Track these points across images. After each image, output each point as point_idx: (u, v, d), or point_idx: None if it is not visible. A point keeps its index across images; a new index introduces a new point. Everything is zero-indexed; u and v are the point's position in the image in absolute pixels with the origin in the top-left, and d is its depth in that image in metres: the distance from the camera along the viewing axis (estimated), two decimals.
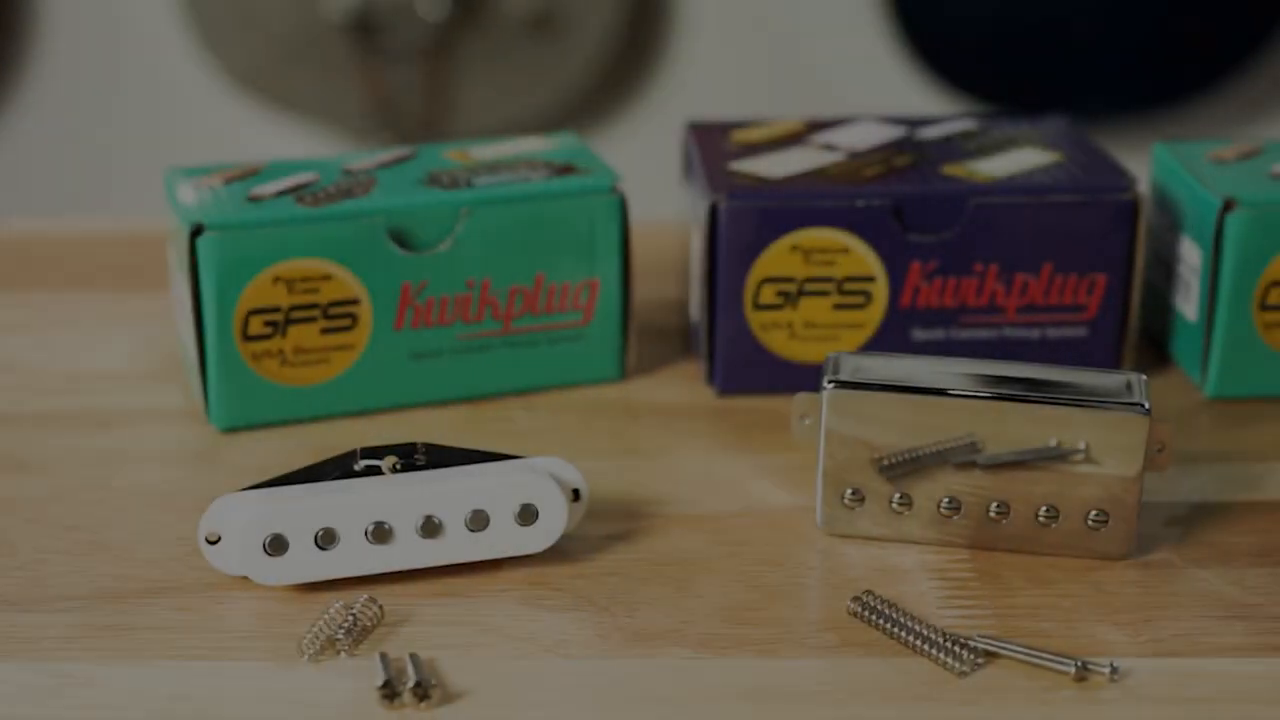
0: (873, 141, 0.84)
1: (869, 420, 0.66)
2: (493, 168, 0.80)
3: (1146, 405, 0.64)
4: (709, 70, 2.09)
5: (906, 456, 0.66)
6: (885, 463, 0.66)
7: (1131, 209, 0.78)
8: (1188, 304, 0.81)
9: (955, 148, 0.83)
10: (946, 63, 1.99)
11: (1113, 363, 0.81)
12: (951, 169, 0.80)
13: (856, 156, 0.82)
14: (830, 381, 0.66)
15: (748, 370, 0.80)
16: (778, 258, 0.78)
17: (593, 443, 0.76)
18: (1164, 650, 0.61)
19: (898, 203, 0.78)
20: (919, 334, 0.80)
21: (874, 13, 2.00)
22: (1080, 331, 0.80)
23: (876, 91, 2.04)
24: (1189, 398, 0.81)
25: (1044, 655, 0.59)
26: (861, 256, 0.78)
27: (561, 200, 0.78)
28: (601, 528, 0.69)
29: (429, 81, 2.13)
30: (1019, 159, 0.81)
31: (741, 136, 0.85)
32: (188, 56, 2.11)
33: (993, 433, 0.65)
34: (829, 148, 0.83)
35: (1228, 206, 0.77)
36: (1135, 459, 0.65)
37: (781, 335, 0.79)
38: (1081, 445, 0.65)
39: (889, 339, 0.79)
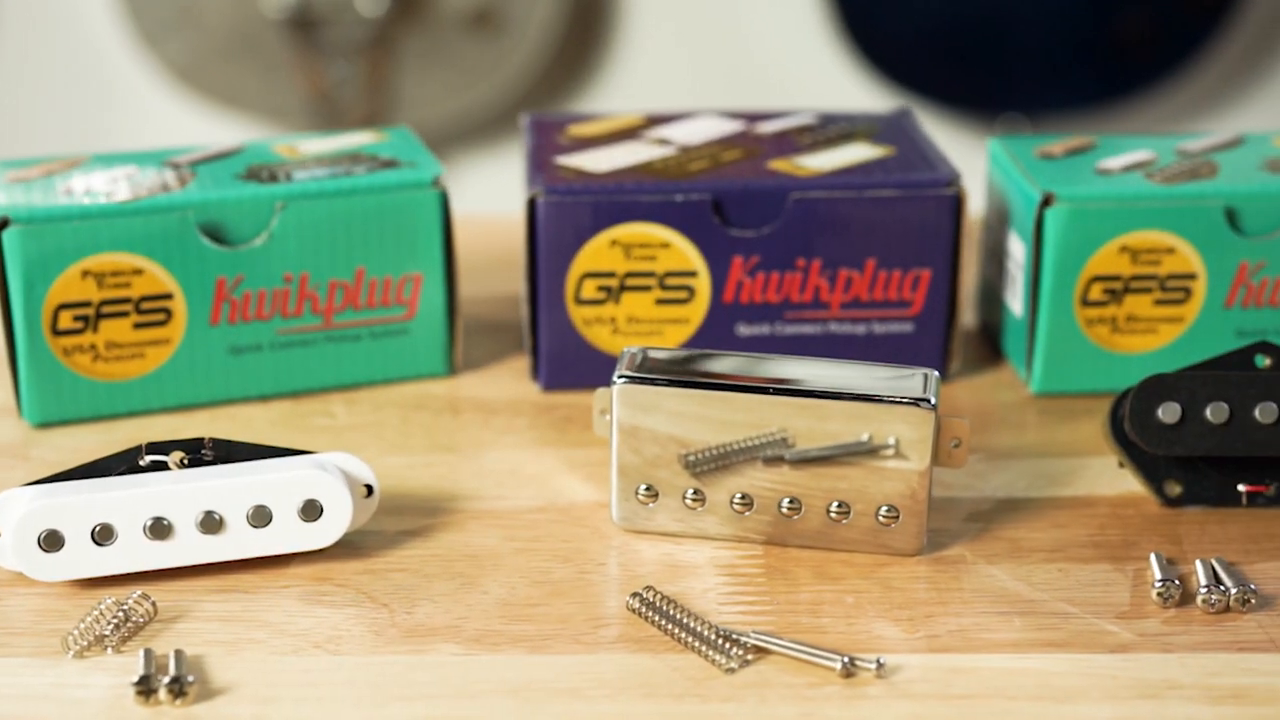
0: (707, 136, 0.84)
1: (660, 415, 0.65)
2: (315, 162, 0.79)
3: (933, 401, 0.64)
4: (652, 66, 2.09)
5: (714, 453, 0.66)
6: (691, 458, 0.66)
7: (954, 204, 0.78)
8: (1015, 300, 0.81)
9: (789, 143, 0.83)
10: (890, 61, 1.99)
11: (939, 359, 0.80)
12: (777, 164, 0.80)
13: (686, 151, 0.81)
14: (620, 376, 0.66)
15: (572, 366, 0.79)
16: (598, 252, 0.77)
17: (410, 438, 0.76)
18: (937, 646, 0.60)
19: (718, 197, 0.77)
20: (744, 329, 0.79)
21: (818, 10, 1.99)
22: (906, 327, 0.80)
23: (821, 88, 2.03)
24: (1017, 394, 0.81)
25: (812, 651, 0.59)
26: (682, 251, 0.78)
27: (380, 194, 0.77)
28: (398, 523, 0.68)
29: (370, 77, 2.13)
30: (848, 154, 0.81)
31: (577, 130, 0.84)
32: (127, 52, 2.10)
33: (780, 427, 0.65)
34: (662, 142, 0.83)
35: (1047, 201, 0.77)
36: (923, 455, 0.65)
37: (605, 330, 0.79)
38: (891, 440, 0.64)
39: (713, 334, 0.79)
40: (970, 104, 2.04)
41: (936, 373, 0.66)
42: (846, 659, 0.59)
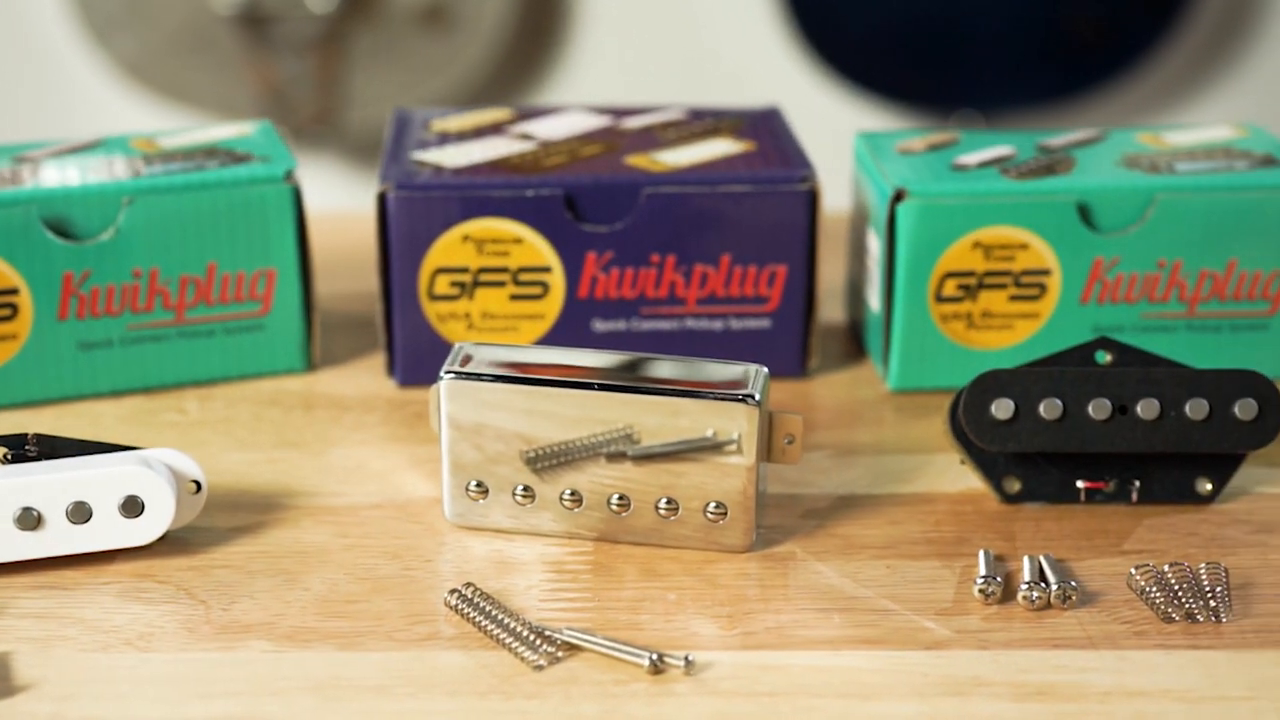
0: (570, 131, 0.83)
1: (489, 410, 0.65)
2: (170, 156, 0.79)
3: (757, 397, 0.64)
4: (605, 64, 2.08)
5: (554, 449, 0.65)
6: (531, 455, 0.66)
7: (808, 200, 0.77)
8: (874, 296, 0.80)
9: (651, 138, 0.82)
10: (845, 58, 1.98)
11: (798, 355, 0.80)
12: (634, 159, 0.79)
13: (546, 146, 0.81)
14: (447, 372, 0.66)
15: (427, 362, 0.79)
16: (450, 248, 0.77)
17: (258, 435, 0.76)
18: (752, 644, 0.60)
19: (570, 193, 0.77)
20: (600, 325, 0.79)
21: (772, 7, 1.99)
22: (764, 323, 0.79)
23: (775, 84, 2.03)
24: (875, 390, 0.80)
25: (621, 648, 0.59)
26: (535, 247, 0.77)
27: (230, 189, 0.77)
28: (231, 520, 0.68)
29: (321, 74, 2.12)
30: (708, 149, 0.81)
31: (441, 125, 0.84)
32: (76, 47, 2.09)
33: (627, 424, 0.64)
34: (525, 137, 0.82)
35: (899, 197, 0.76)
36: (749, 451, 0.64)
37: (460, 326, 0.79)
38: (711, 434, 0.64)
39: (570, 330, 0.79)
40: (925, 101, 2.04)
41: (765, 369, 0.66)
42: (654, 656, 0.58)
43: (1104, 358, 0.69)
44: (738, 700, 0.57)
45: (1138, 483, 0.69)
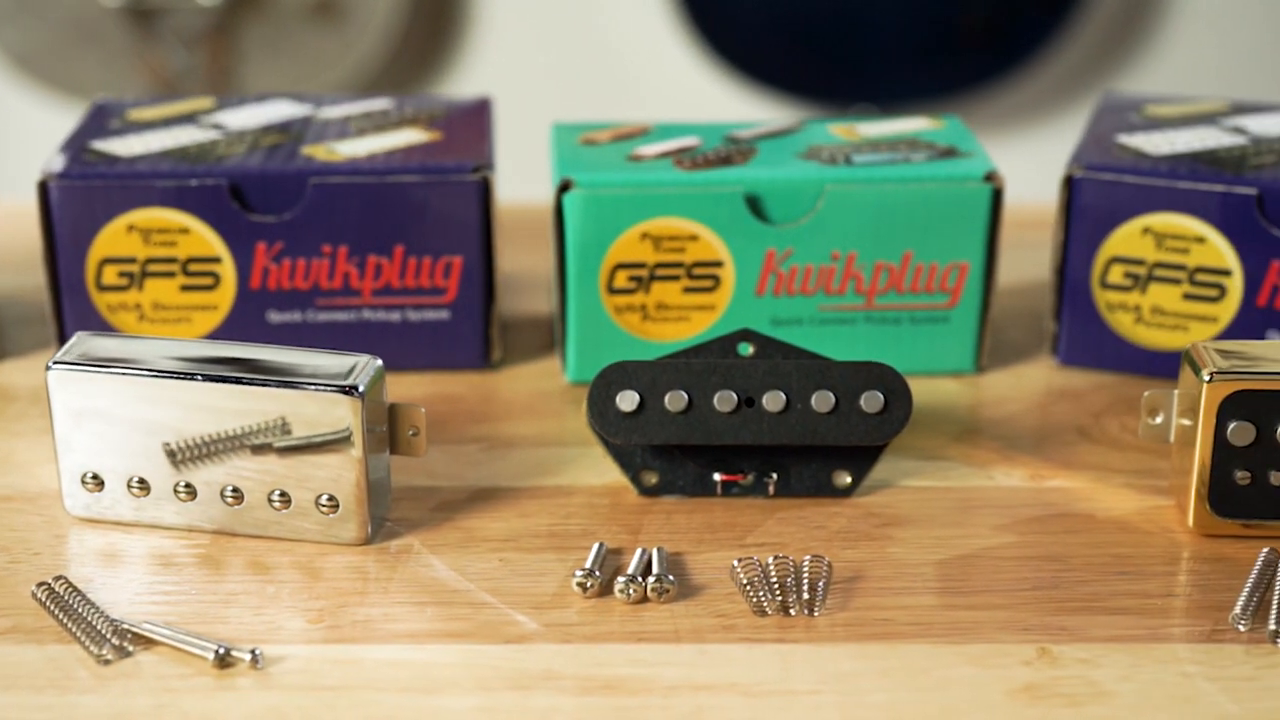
0: (261, 120, 0.82)
1: (97, 400, 0.64)
2: None
3: (360, 388, 0.63)
4: (499, 58, 2.07)
5: (194, 441, 0.65)
6: (170, 447, 0.65)
7: (480, 191, 0.77)
8: (555, 288, 0.80)
9: (338, 128, 0.81)
10: (739, 52, 1.98)
11: (480, 347, 0.80)
12: (311, 149, 0.78)
13: (229, 136, 0.80)
14: (55, 362, 0.65)
15: None
16: (115, 238, 0.76)
17: None
18: (334, 637, 0.60)
19: (236, 182, 0.76)
20: (275, 317, 0.78)
21: (665, 3, 1.98)
22: (442, 315, 0.79)
23: (670, 77, 2.02)
24: (556, 383, 0.80)
25: (189, 641, 0.58)
26: (203, 237, 0.77)
27: None
28: None
29: (212, 67, 2.11)
30: (391, 139, 0.80)
31: (135, 115, 0.83)
32: None
33: (198, 412, 0.64)
34: (214, 126, 0.82)
35: (565, 187, 0.76)
36: (357, 443, 0.64)
37: (131, 318, 0.78)
38: (344, 428, 0.63)
39: (243, 322, 0.78)
40: (821, 95, 2.04)
41: (378, 361, 0.65)
42: (221, 649, 0.58)
43: (747, 349, 0.68)
44: (297, 694, 0.56)
45: (775, 476, 0.69)
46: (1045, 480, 0.71)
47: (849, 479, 0.69)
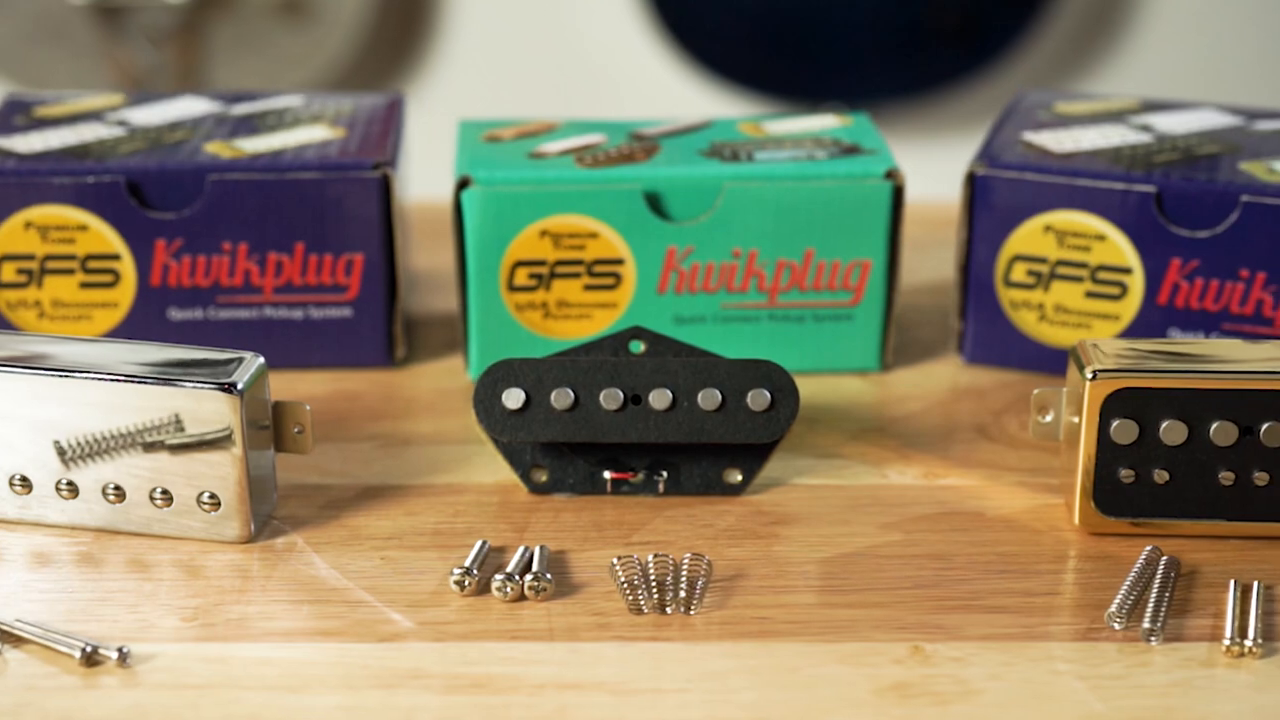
0: (174, 116, 0.82)
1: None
2: None
3: (240, 386, 0.63)
4: (469, 59, 2.07)
5: (83, 439, 0.64)
6: (60, 445, 0.65)
7: (380, 188, 0.76)
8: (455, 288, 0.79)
9: (247, 125, 0.81)
10: (708, 50, 1.97)
11: (384, 345, 0.79)
12: (213, 146, 0.78)
13: (133, 133, 0.80)
14: None
15: None
16: (13, 235, 0.76)
17: None
18: (206, 636, 0.59)
19: (133, 179, 0.76)
20: (176, 314, 0.78)
21: (635, 1, 1.98)
22: (345, 312, 0.78)
23: (640, 77, 2.02)
24: (461, 381, 0.80)
25: (56, 639, 0.58)
26: (101, 234, 0.76)
27: None
28: None
29: (180, 64, 2.10)
30: (296, 136, 0.79)
31: (43, 111, 0.83)
32: None
33: (84, 410, 0.63)
34: (120, 123, 0.81)
35: (463, 184, 0.75)
36: (237, 441, 0.63)
37: (30, 315, 0.77)
38: (224, 425, 0.63)
39: (145, 319, 0.78)
40: (791, 94, 2.03)
41: (261, 358, 0.65)
42: (88, 648, 0.57)
43: (639, 347, 0.68)
44: (162, 693, 0.56)
45: (665, 474, 0.68)
46: (938, 479, 0.71)
47: (739, 477, 0.69)
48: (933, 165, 1.41)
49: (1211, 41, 2.00)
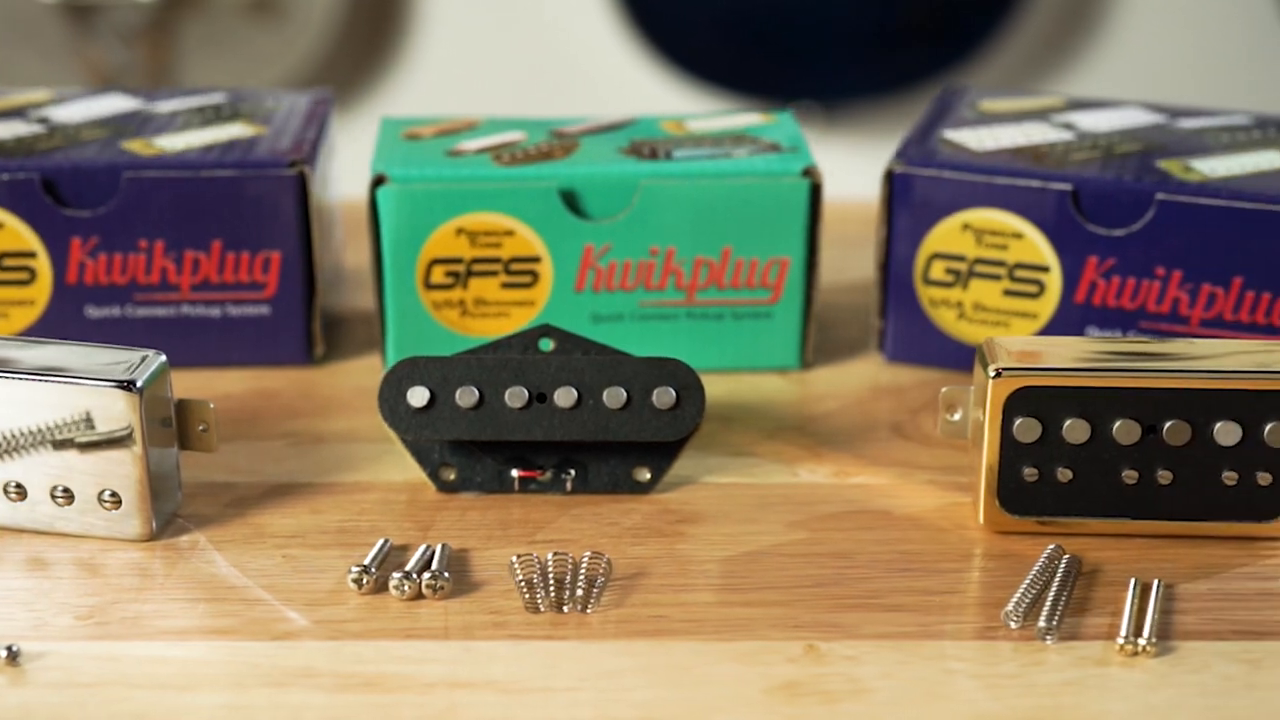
0: (93, 114, 0.82)
1: None
2: None
3: (139, 384, 0.63)
4: (441, 57, 2.06)
5: None
6: None
7: (296, 185, 0.76)
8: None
9: (163, 123, 0.81)
10: (681, 49, 1.97)
11: (302, 343, 0.79)
12: (131, 144, 0.78)
13: (53, 130, 0.80)
14: None
15: None
16: None
17: None
18: (99, 634, 0.59)
19: (48, 176, 0.76)
20: (93, 312, 0.78)
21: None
22: (263, 310, 0.78)
23: (613, 76, 2.01)
24: (373, 379, 0.79)
25: None
26: (17, 231, 0.76)
27: None
28: None
29: (151, 63, 2.10)
30: (215, 134, 0.79)
31: None
32: None
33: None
34: (41, 121, 0.81)
35: (378, 182, 0.75)
36: (135, 439, 0.63)
37: None
38: (124, 424, 0.63)
39: (62, 317, 0.77)
40: (763, 92, 2.03)
41: (162, 355, 0.65)
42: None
43: (548, 345, 0.68)
44: (50, 692, 0.56)
45: (573, 472, 0.68)
46: (849, 477, 0.70)
47: (649, 475, 0.69)
48: None
49: (1182, 41, 2.01)
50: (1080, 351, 0.65)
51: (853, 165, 1.41)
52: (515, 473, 0.68)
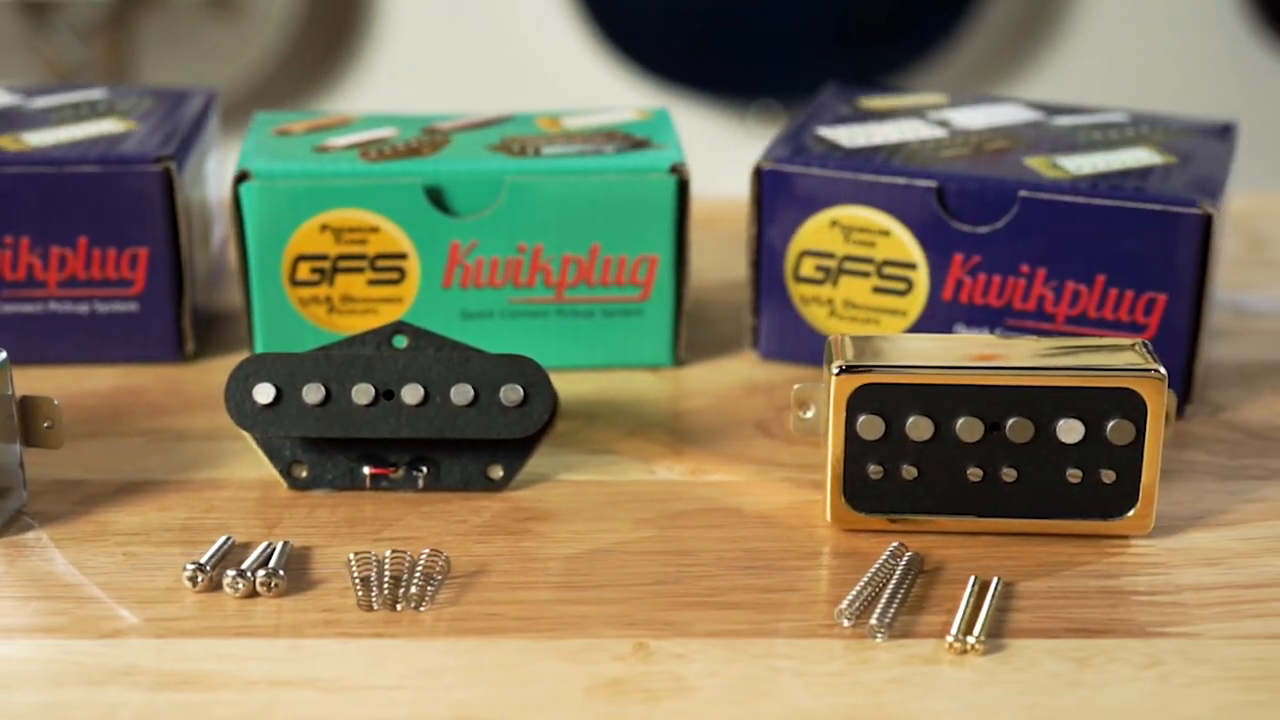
0: None
1: None
2: None
3: None
4: (400, 56, 2.06)
5: None
6: None
7: (161, 181, 0.76)
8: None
9: (36, 119, 0.81)
10: (640, 49, 1.97)
11: (172, 340, 0.79)
12: (5, 141, 0.78)
13: None
14: None
15: None
16: None
17: None
18: None
19: None
20: None
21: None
22: (131, 307, 0.78)
23: (573, 76, 2.01)
24: None
25: None
26: None
27: None
28: None
29: (108, 59, 2.09)
30: (84, 130, 0.79)
31: None
32: None
33: None
34: None
35: (241, 178, 0.75)
36: None
37: None
38: None
39: None
40: (724, 91, 2.03)
41: (3, 352, 0.64)
42: None
43: (402, 342, 0.68)
44: None
45: (425, 469, 0.68)
46: (705, 475, 0.70)
47: (501, 472, 0.68)
48: None
49: (1143, 39, 2.00)
50: (927, 348, 0.65)
51: None
52: (366, 470, 0.68)
